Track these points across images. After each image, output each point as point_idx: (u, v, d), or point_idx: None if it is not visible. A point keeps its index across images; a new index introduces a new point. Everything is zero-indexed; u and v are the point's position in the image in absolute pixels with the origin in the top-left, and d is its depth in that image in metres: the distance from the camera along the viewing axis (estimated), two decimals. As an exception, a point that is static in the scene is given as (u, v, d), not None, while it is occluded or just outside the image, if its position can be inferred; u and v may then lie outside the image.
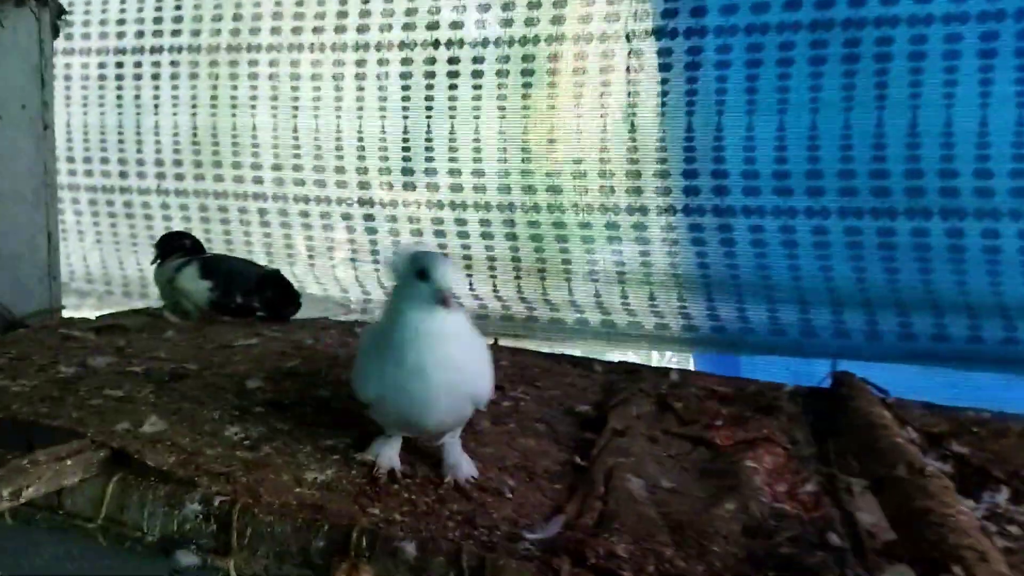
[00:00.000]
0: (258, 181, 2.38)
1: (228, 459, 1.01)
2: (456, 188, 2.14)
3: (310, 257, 2.35)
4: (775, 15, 1.84)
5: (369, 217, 2.27)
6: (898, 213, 1.81)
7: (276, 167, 2.36)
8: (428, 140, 2.16)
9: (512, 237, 2.12)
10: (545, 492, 1.19)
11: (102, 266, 2.58)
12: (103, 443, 0.99)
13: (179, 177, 2.47)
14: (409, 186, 2.20)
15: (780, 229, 1.89)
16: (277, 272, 2.02)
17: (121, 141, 2.53)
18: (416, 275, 0.97)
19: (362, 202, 2.27)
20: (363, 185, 2.26)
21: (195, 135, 2.44)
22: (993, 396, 1.75)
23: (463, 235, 2.17)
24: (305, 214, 2.34)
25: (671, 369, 1.83)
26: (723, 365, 2.05)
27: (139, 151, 2.51)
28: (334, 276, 2.33)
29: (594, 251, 2.06)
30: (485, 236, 2.14)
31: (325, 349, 1.61)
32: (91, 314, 1.99)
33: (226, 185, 2.42)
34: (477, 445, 1.26)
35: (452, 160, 2.16)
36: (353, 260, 2.30)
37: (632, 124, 2.00)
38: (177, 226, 2.40)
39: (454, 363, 0.99)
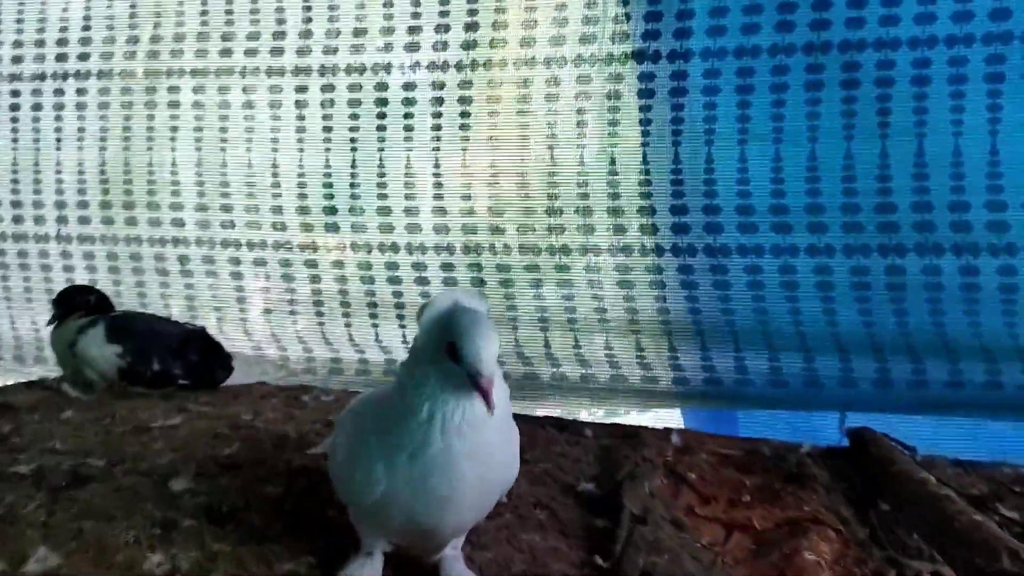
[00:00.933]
0: (178, 224, 2.06)
1: (150, 609, 0.72)
2: (441, 229, 1.89)
3: (241, 311, 2.04)
4: (767, 37, 1.68)
5: (311, 264, 1.99)
6: (907, 250, 1.65)
7: (201, 207, 2.05)
8: (381, 174, 1.91)
9: (479, 283, 1.87)
10: None
11: (-10, 326, 2.19)
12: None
13: (84, 220, 2.13)
14: (359, 227, 1.94)
15: (779, 269, 1.71)
16: (202, 330, 1.71)
17: (15, 180, 2.17)
18: (446, 349, 0.71)
19: (303, 247, 1.99)
20: (305, 227, 1.98)
21: (103, 172, 2.11)
22: (1014, 447, 1.60)
23: (421, 282, 1.91)
24: (235, 261, 2.03)
25: (671, 430, 1.61)
26: (717, 422, 1.84)
27: (36, 191, 2.15)
28: (271, 333, 2.03)
29: (572, 296, 1.84)
30: (448, 283, 1.89)
31: (269, 426, 1.32)
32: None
33: (140, 229, 2.09)
34: (473, 548, 1.00)
35: (409, 198, 1.91)
36: (292, 313, 2.00)
37: (611, 157, 1.80)
38: (80, 278, 2.05)
39: (488, 450, 0.74)
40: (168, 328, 1.66)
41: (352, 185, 1.94)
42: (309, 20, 1.96)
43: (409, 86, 1.90)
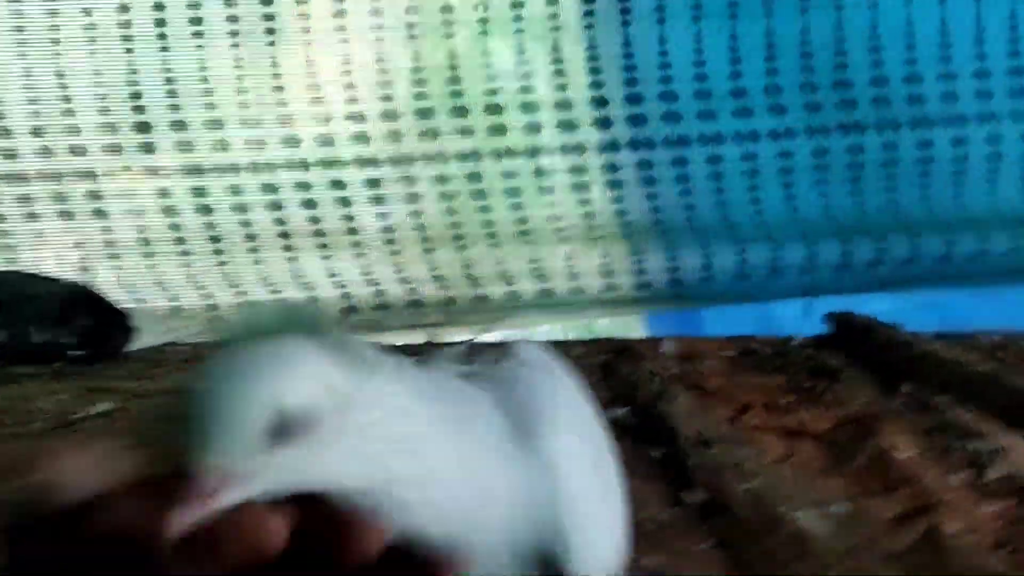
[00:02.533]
0: (9, 156, 1.61)
1: None
2: (360, 138, 1.60)
3: (111, 256, 1.65)
4: None
5: (199, 192, 1.63)
6: (866, 127, 1.61)
7: (36, 132, 1.61)
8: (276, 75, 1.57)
9: (414, 199, 1.62)
10: (693, 558, 0.81)
11: None
12: None
13: None
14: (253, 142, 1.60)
15: (741, 157, 1.61)
16: (86, 288, 1.35)
17: None
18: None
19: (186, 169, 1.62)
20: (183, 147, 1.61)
21: None
22: (964, 316, 1.65)
23: (345, 202, 1.63)
24: (95, 195, 1.63)
25: (659, 340, 1.50)
26: (681, 324, 1.76)
27: None
28: (155, 280, 1.66)
29: (522, 205, 1.64)
30: (377, 200, 1.62)
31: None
32: None
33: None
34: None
35: (316, 102, 1.59)
36: (184, 254, 1.65)
37: (554, 43, 1.59)
38: None
39: None
40: (42, 287, 1.28)
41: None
42: None
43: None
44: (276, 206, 1.64)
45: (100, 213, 1.65)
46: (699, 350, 1.44)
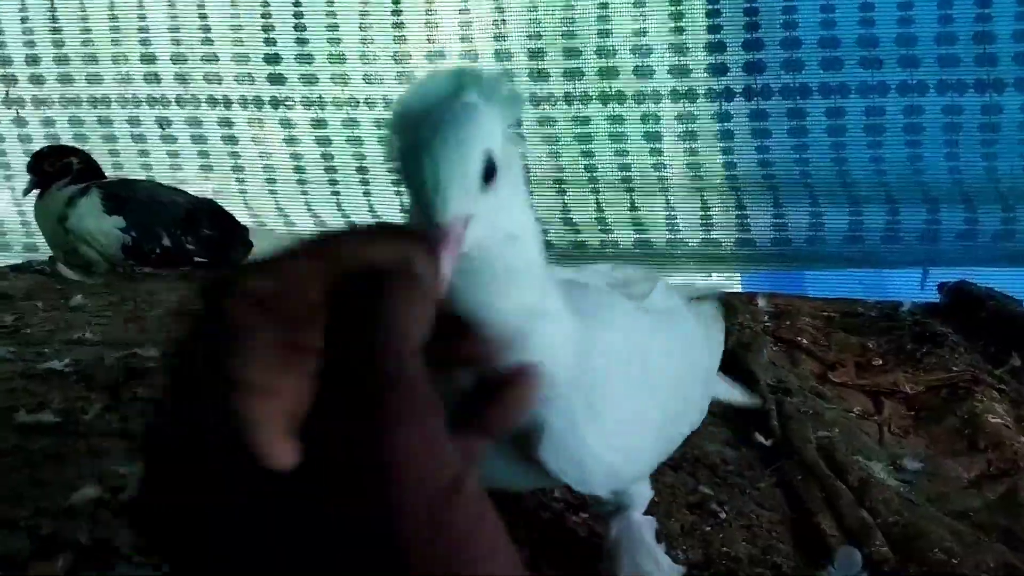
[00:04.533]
0: (152, 79, 1.75)
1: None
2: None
3: (238, 180, 1.77)
4: None
5: (319, 123, 1.72)
6: (1005, 85, 1.48)
7: (177, 57, 1.73)
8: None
9: (518, 138, 1.64)
10: (751, 493, 0.81)
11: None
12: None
13: (37, 80, 1.78)
14: (372, 79, 1.66)
15: (865, 111, 1.53)
16: (210, 201, 1.46)
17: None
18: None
19: (308, 102, 1.71)
20: (307, 79, 1.70)
21: (54, 19, 1.75)
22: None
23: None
24: (227, 122, 1.74)
25: (756, 295, 1.46)
26: (780, 286, 1.70)
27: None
28: (275, 204, 1.77)
29: (626, 152, 1.63)
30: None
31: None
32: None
33: (108, 87, 1.76)
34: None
35: (430, 40, 1.63)
36: (300, 182, 1.74)
37: (672, -17, 1.54)
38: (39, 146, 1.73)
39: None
40: (172, 197, 1.39)
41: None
42: None
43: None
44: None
45: (230, 139, 1.76)
46: (795, 308, 1.40)
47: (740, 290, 1.70)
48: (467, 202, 0.29)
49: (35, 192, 1.35)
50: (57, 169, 1.32)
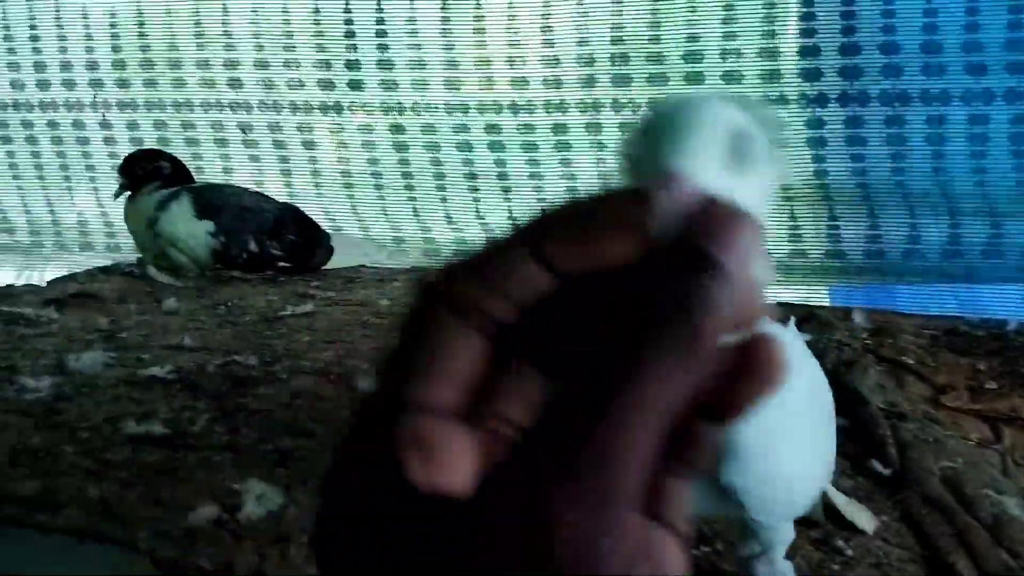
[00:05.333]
0: (235, 84, 1.77)
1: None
2: (550, 83, 1.61)
3: (316, 185, 1.77)
4: None
5: (397, 129, 1.71)
6: None
7: (260, 63, 1.75)
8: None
9: (599, 146, 1.61)
10: (883, 536, 0.76)
11: (24, 209, 1.92)
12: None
13: (123, 84, 1.82)
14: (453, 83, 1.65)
15: (968, 119, 1.45)
16: (294, 207, 1.46)
17: (34, 37, 1.84)
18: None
19: (387, 108, 1.70)
20: (387, 85, 1.69)
21: (141, 24, 1.79)
22: None
23: (531, 146, 1.65)
24: (307, 128, 1.75)
25: (851, 310, 1.39)
26: (870, 300, 1.62)
27: (62, 49, 1.83)
28: (352, 208, 1.77)
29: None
30: (563, 146, 1.63)
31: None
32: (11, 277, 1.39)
33: (191, 91, 1.79)
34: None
35: (512, 45, 1.61)
36: (378, 187, 1.74)
37: (763, -16, 1.49)
38: (123, 150, 1.77)
39: None
40: (258, 203, 1.40)
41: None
42: None
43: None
44: (467, 146, 1.68)
45: (310, 144, 1.77)
46: (895, 325, 1.33)
47: (829, 304, 1.64)
48: (704, 169, 0.24)
49: (125, 195, 1.37)
50: (148, 172, 1.34)
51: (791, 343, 0.52)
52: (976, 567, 0.69)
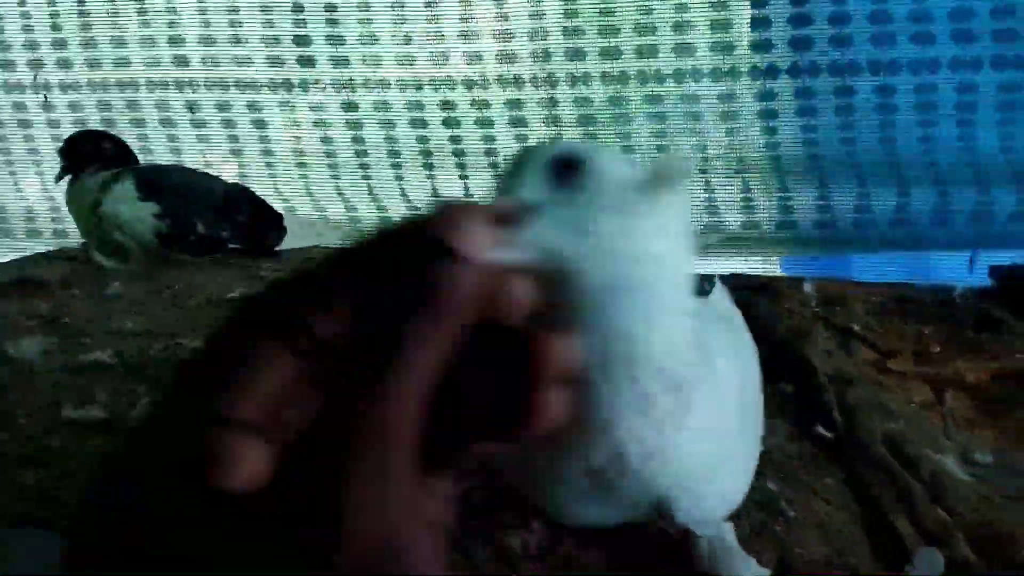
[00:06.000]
0: (181, 62, 1.72)
1: None
2: (505, 57, 1.59)
3: (268, 165, 1.74)
4: None
5: (350, 106, 1.68)
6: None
7: (206, 39, 1.70)
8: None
9: (555, 120, 1.60)
10: (819, 490, 0.78)
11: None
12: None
13: (64, 64, 1.77)
14: (404, 60, 1.63)
15: (916, 88, 1.47)
16: (245, 187, 1.43)
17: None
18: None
19: (339, 85, 1.67)
20: (338, 62, 1.66)
21: (82, 2, 1.73)
22: None
23: (486, 122, 1.63)
24: (255, 106, 1.72)
25: (803, 279, 1.41)
26: (823, 270, 1.66)
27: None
28: (304, 187, 1.74)
29: (665, 132, 1.58)
30: (518, 122, 1.62)
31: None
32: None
33: (136, 70, 1.74)
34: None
35: (463, 19, 1.59)
36: (331, 167, 1.72)
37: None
38: (67, 133, 1.71)
39: None
40: (207, 183, 1.37)
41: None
42: None
43: None
44: (421, 123, 1.66)
45: (260, 123, 1.74)
46: (845, 293, 1.35)
47: (782, 274, 1.66)
48: (525, 190, 0.32)
49: (67, 178, 1.33)
50: (90, 154, 1.30)
51: (724, 312, 0.53)
52: (914, 525, 0.71)
